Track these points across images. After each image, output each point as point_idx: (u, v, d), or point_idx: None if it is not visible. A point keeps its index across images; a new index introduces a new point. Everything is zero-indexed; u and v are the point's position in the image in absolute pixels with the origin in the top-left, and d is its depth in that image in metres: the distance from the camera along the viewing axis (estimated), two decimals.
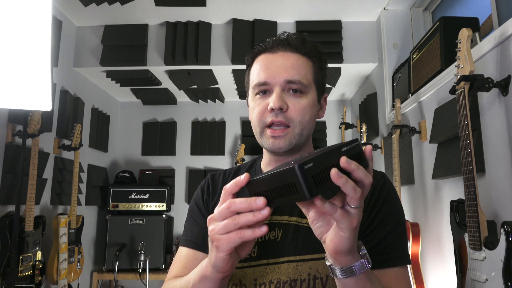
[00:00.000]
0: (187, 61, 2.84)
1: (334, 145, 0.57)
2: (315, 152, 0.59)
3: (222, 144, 3.82)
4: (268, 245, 0.80)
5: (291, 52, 0.83)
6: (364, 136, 2.80)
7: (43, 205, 2.56)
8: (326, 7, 2.74)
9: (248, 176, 0.59)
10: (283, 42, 0.83)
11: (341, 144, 0.56)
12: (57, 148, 2.68)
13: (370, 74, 3.08)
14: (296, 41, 0.83)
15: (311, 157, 0.52)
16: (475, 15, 1.91)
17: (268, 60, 0.83)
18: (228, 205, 0.58)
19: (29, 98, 0.76)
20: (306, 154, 0.62)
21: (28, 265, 2.11)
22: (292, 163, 0.52)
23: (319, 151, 0.58)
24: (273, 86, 0.81)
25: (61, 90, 2.76)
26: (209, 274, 0.64)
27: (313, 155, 0.53)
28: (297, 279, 0.77)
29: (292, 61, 0.82)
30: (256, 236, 0.56)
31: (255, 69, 0.85)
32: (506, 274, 1.20)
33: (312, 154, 0.56)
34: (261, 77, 0.82)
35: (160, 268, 3.21)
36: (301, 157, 0.59)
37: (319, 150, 0.58)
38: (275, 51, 0.83)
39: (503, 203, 1.45)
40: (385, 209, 0.79)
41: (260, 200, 0.55)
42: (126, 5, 2.64)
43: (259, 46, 0.86)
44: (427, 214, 2.12)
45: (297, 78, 0.80)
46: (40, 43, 0.75)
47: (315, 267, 0.77)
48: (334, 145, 0.57)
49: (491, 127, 1.53)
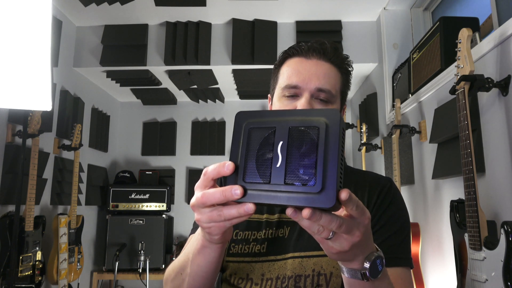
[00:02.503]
0: (187, 61, 2.84)
1: None
2: None
3: (222, 144, 3.82)
4: (277, 242, 0.84)
5: (324, 61, 0.85)
6: (364, 136, 2.80)
7: (43, 205, 2.56)
8: (326, 7, 2.74)
9: (233, 166, 0.53)
10: (318, 50, 0.85)
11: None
12: (57, 148, 2.68)
13: (370, 74, 3.08)
14: (331, 51, 0.85)
15: None
16: (475, 15, 1.91)
17: (301, 65, 0.85)
18: (202, 198, 0.54)
19: (29, 98, 0.76)
20: None
21: (28, 265, 2.11)
22: None
23: None
24: (303, 91, 0.82)
25: (61, 90, 2.76)
26: (207, 244, 0.64)
27: None
28: (302, 274, 0.79)
29: (324, 70, 0.84)
30: (243, 215, 0.52)
31: (286, 70, 0.86)
32: (506, 274, 1.20)
33: None
34: (292, 80, 0.83)
35: (160, 268, 3.21)
36: None
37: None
38: (309, 57, 0.85)
39: (503, 203, 1.45)
40: (390, 211, 0.81)
41: (236, 189, 0.51)
42: (126, 5, 2.64)
43: (294, 49, 0.88)
44: (427, 214, 2.12)
45: (327, 88, 0.82)
46: (40, 43, 0.75)
47: (320, 264, 0.79)
48: None
49: (491, 127, 1.53)
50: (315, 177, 0.48)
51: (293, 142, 0.52)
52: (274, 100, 0.89)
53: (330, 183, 0.47)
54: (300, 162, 0.51)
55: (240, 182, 0.53)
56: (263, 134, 0.54)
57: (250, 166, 0.54)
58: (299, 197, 0.48)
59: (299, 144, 0.52)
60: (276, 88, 0.89)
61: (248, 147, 0.55)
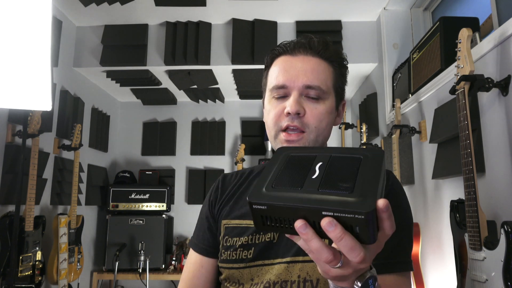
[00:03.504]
0: (187, 61, 2.84)
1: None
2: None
3: (222, 144, 3.82)
4: (265, 247, 0.80)
5: (312, 56, 0.80)
6: (364, 136, 2.80)
7: (43, 205, 2.56)
8: (326, 7, 2.74)
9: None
10: (305, 45, 0.80)
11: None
12: (57, 148, 2.68)
13: (370, 74, 3.08)
14: (318, 45, 0.80)
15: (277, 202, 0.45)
16: (475, 15, 1.90)
17: (287, 63, 0.80)
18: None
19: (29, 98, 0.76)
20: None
21: (28, 265, 2.11)
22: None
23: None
24: (291, 90, 0.78)
25: (61, 90, 2.76)
26: None
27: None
28: (288, 280, 0.75)
29: (312, 65, 0.79)
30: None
31: (274, 71, 0.82)
32: (506, 274, 1.20)
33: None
34: (279, 80, 0.79)
35: (160, 268, 3.21)
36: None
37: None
38: (295, 53, 0.81)
39: (503, 203, 1.45)
40: None
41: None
42: (126, 5, 2.64)
43: (279, 48, 0.83)
44: (427, 214, 2.12)
45: (316, 84, 0.78)
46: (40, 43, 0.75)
47: (305, 270, 0.75)
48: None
49: (491, 127, 1.53)
50: (354, 185, 0.44)
51: (334, 163, 0.49)
52: (265, 103, 0.85)
53: (369, 191, 0.43)
54: (339, 174, 0.47)
55: (268, 188, 0.48)
56: (303, 159, 0.51)
57: (282, 177, 0.50)
58: (333, 200, 0.43)
59: (339, 165, 0.48)
60: (266, 90, 0.85)
61: (285, 168, 0.51)
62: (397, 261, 0.73)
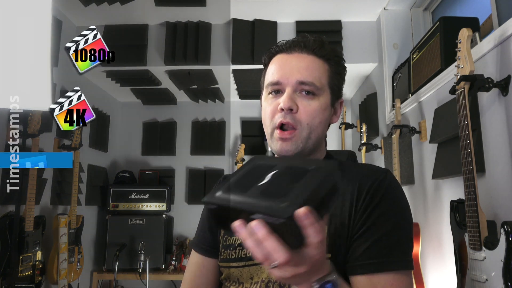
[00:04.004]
0: (187, 61, 2.84)
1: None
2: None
3: (222, 144, 3.81)
4: None
5: (307, 54, 0.82)
6: (364, 136, 2.79)
7: (43, 205, 2.56)
8: (326, 7, 2.74)
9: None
10: (300, 43, 0.82)
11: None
12: (57, 148, 2.68)
13: (370, 74, 3.08)
14: (313, 43, 0.82)
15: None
16: (475, 15, 1.90)
17: (283, 60, 0.82)
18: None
19: (29, 98, 0.76)
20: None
21: (28, 265, 2.11)
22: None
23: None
24: (285, 86, 0.80)
25: (61, 90, 2.76)
26: None
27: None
28: None
29: (306, 62, 0.81)
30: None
31: (270, 69, 0.84)
32: (506, 274, 1.20)
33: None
34: (274, 77, 0.81)
35: (160, 268, 3.21)
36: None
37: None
38: (291, 52, 0.83)
39: (503, 203, 1.45)
40: (381, 208, 0.73)
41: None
42: (126, 5, 2.64)
43: (276, 47, 0.85)
44: (427, 214, 2.12)
45: (310, 80, 0.79)
46: (40, 43, 0.75)
47: None
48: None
49: (491, 127, 1.53)
50: (288, 193, 0.50)
51: (285, 172, 0.56)
52: (262, 100, 0.86)
53: (297, 199, 0.48)
54: (282, 183, 0.53)
55: (224, 191, 0.55)
56: (263, 167, 0.58)
57: (237, 182, 0.57)
58: (264, 205, 0.49)
59: (287, 174, 0.55)
60: (263, 88, 0.87)
61: (244, 175, 0.59)
62: (394, 260, 0.71)
